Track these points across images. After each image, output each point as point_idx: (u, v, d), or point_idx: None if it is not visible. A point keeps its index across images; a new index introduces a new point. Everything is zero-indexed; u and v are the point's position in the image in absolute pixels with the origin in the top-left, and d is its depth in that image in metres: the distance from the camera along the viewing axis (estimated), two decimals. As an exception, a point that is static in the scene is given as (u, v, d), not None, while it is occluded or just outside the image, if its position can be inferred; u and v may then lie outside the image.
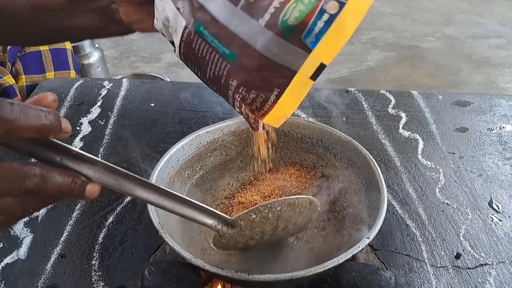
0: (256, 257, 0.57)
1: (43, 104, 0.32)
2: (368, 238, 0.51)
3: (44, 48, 1.20)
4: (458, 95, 1.03)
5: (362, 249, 0.51)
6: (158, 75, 1.97)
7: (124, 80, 1.08)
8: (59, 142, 0.34)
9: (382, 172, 0.60)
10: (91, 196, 0.35)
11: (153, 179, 0.59)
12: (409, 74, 2.41)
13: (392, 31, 2.90)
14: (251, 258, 0.57)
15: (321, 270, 0.47)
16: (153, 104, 0.98)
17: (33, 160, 0.34)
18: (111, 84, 1.05)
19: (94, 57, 1.85)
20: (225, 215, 0.46)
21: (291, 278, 0.46)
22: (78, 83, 1.05)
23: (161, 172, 0.62)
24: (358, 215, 0.62)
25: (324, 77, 2.39)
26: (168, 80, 1.88)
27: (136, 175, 0.39)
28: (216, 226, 0.46)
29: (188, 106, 0.98)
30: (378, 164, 0.62)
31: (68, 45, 1.27)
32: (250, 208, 0.47)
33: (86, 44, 1.82)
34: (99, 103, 0.97)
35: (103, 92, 1.02)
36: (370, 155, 0.64)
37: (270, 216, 0.47)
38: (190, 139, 0.68)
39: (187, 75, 2.43)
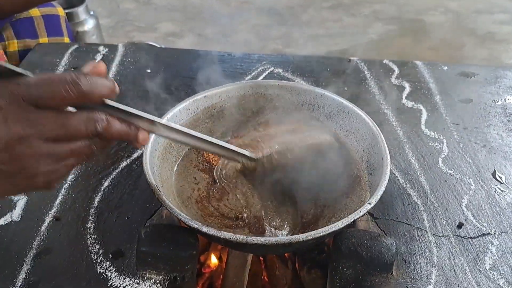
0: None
1: (98, 72, 0.39)
2: (370, 204, 0.49)
3: (35, 14, 1.15)
4: (463, 66, 1.00)
5: (363, 215, 0.50)
6: (154, 44, 1.92)
7: (120, 45, 1.05)
8: (111, 102, 0.40)
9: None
10: (143, 142, 0.42)
11: (149, 144, 0.57)
12: (412, 48, 2.35)
13: (395, 4, 2.82)
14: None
15: (321, 234, 0.46)
16: (149, 70, 0.96)
17: None
18: (107, 49, 1.02)
19: (89, 25, 1.80)
20: (251, 154, 0.54)
21: (290, 241, 0.45)
22: (72, 48, 1.02)
23: (157, 136, 0.60)
24: (359, 183, 0.61)
25: (324, 49, 2.32)
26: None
27: (179, 127, 0.47)
28: (244, 162, 0.54)
29: (185, 72, 0.95)
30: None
31: (61, 12, 1.22)
32: (275, 149, 0.55)
33: (80, 10, 1.77)
34: (94, 68, 0.94)
35: (98, 57, 0.99)
36: (373, 121, 0.62)
37: (289, 156, 0.55)
38: (187, 104, 0.66)
39: (184, 46, 2.38)
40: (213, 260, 0.69)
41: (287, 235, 0.53)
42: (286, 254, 0.68)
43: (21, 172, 0.36)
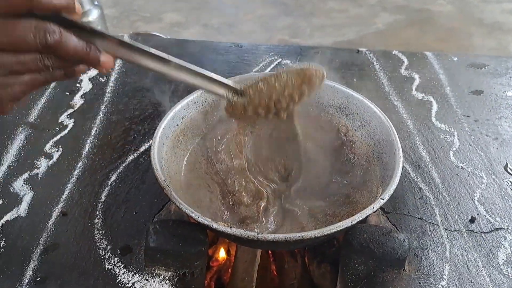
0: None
1: None
2: (383, 199, 0.48)
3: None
4: (474, 57, 0.98)
5: (376, 211, 0.49)
6: (159, 34, 1.90)
7: (125, 36, 1.03)
8: (73, 19, 0.35)
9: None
10: (106, 65, 0.37)
11: (157, 137, 0.56)
12: (419, 38, 2.32)
13: (402, -6, 2.79)
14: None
15: (334, 230, 0.45)
16: (155, 62, 0.94)
17: None
18: (111, 40, 1.01)
19: (93, 15, 1.77)
20: (235, 85, 0.48)
21: (302, 238, 0.44)
22: (76, 39, 1.01)
23: (165, 130, 0.59)
24: (370, 177, 0.60)
25: (331, 40, 2.29)
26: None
27: (149, 49, 0.40)
28: (227, 95, 0.48)
29: (192, 64, 0.93)
30: (390, 126, 0.59)
31: (64, 1, 1.21)
32: (258, 78, 0.49)
33: (84, 0, 1.74)
34: (99, 60, 0.93)
35: (103, 48, 0.98)
36: (384, 114, 0.60)
37: (277, 85, 0.49)
38: (195, 97, 0.65)
39: (189, 36, 2.36)
40: (222, 254, 0.68)
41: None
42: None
43: None
